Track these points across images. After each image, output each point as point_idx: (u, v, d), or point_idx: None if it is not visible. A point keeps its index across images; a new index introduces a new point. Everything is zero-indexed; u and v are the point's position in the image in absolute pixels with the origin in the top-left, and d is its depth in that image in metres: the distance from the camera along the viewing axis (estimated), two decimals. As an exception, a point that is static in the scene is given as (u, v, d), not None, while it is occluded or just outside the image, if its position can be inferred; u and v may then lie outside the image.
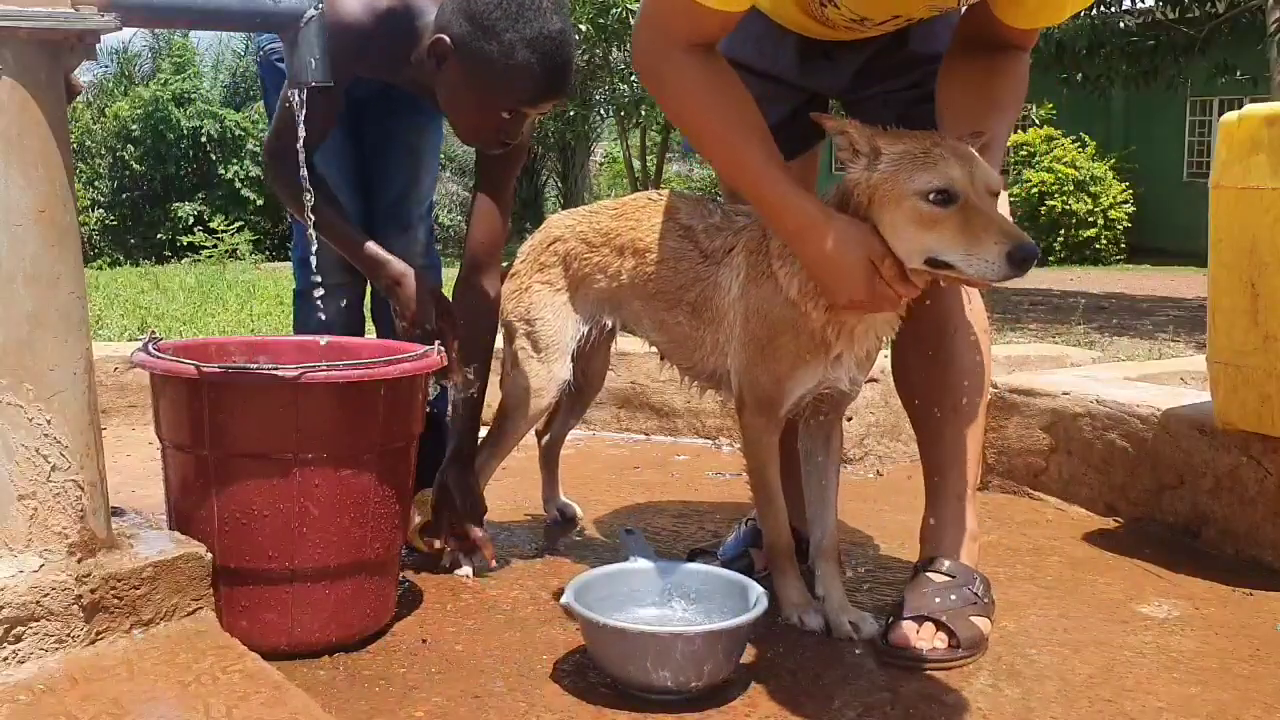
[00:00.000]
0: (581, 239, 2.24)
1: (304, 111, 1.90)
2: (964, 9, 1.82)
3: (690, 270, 2.06)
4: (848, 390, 1.96)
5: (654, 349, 2.27)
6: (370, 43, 2.06)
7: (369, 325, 2.64)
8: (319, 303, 2.13)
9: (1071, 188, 16.15)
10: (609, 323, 2.27)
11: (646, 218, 2.16)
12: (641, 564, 1.97)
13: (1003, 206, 1.77)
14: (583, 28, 13.51)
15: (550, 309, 2.25)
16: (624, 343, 3.42)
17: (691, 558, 2.30)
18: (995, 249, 1.59)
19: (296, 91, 1.86)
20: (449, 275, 2.65)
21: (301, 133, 1.93)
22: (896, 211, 1.69)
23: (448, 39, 2.01)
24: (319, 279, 2.09)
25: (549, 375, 2.25)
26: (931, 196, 1.65)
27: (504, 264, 2.40)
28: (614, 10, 13.18)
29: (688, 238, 2.08)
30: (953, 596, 1.92)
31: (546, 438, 2.65)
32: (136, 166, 19.72)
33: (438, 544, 2.25)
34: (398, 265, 2.17)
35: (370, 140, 2.45)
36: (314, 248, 2.05)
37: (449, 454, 2.27)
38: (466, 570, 2.25)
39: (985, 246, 1.60)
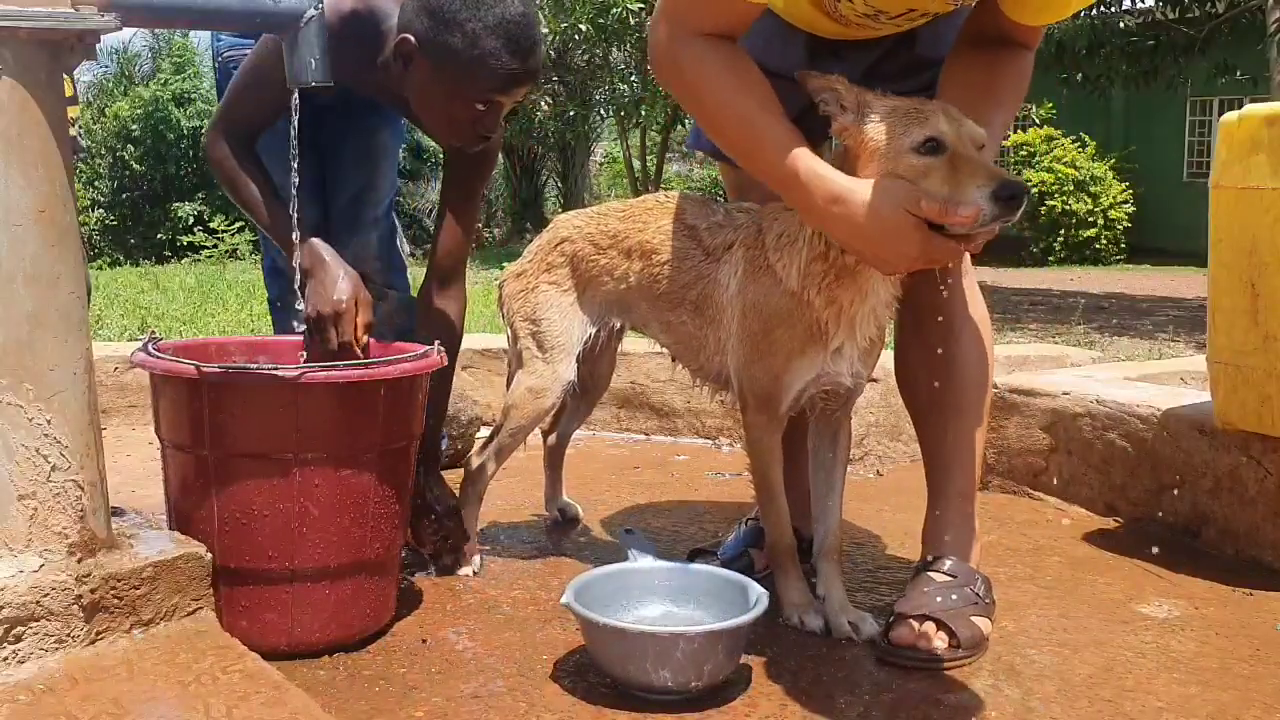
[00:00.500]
0: (589, 240, 2.23)
1: (298, 113, 1.90)
2: (975, 2, 1.82)
3: (693, 269, 2.07)
4: (850, 385, 1.95)
5: (665, 351, 2.27)
6: (337, 46, 2.02)
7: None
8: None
9: (1071, 188, 16.15)
10: (618, 324, 2.27)
11: (654, 219, 2.16)
12: (641, 564, 1.97)
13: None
14: (583, 27, 13.49)
15: (557, 309, 2.25)
16: (624, 343, 3.42)
17: (691, 558, 2.30)
18: (980, 191, 1.60)
19: (294, 91, 1.86)
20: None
21: (295, 132, 1.92)
22: (890, 165, 1.69)
23: (412, 38, 2.00)
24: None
25: (554, 376, 2.25)
26: (921, 148, 1.66)
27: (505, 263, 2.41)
28: (614, 10, 13.15)
29: (691, 237, 2.09)
30: (954, 596, 1.92)
31: (552, 438, 2.65)
32: (136, 166, 19.70)
33: (468, 567, 2.26)
34: (322, 250, 2.10)
35: (325, 143, 2.45)
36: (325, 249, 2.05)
37: (423, 458, 2.25)
38: (466, 570, 2.25)
39: (970, 191, 1.61)
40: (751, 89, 1.77)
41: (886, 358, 2.23)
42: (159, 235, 19.01)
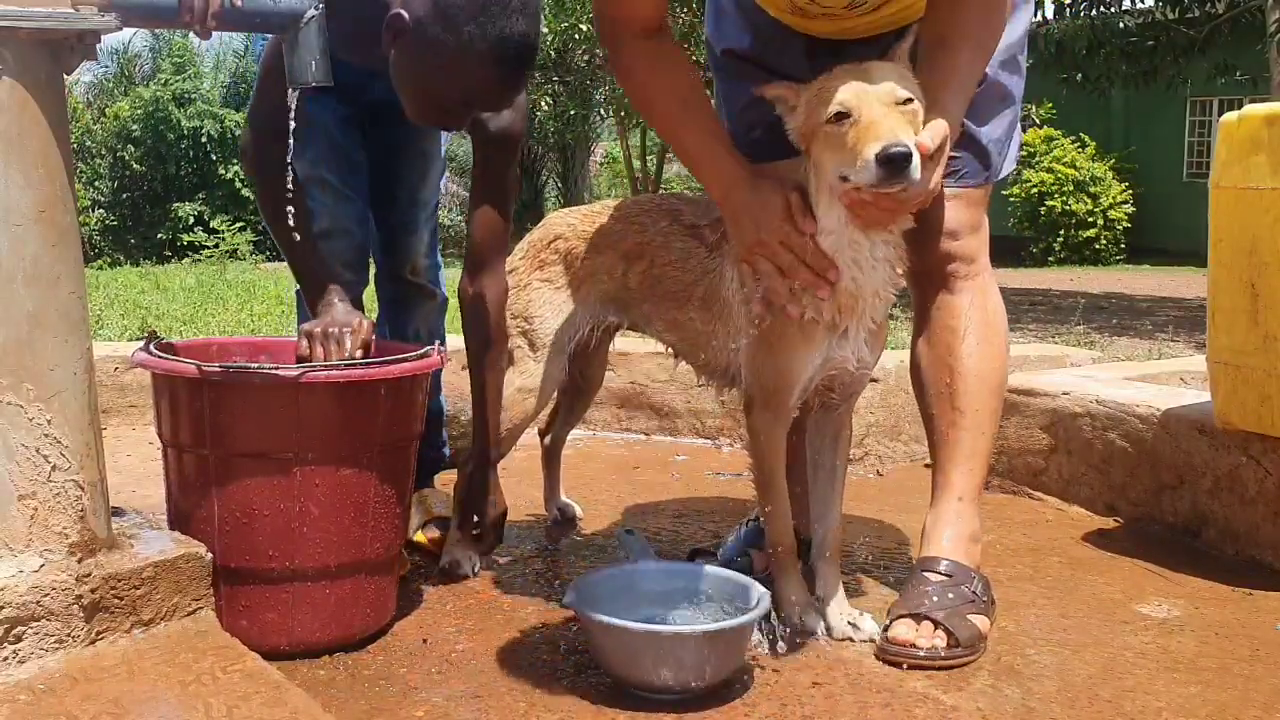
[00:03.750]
0: (584, 239, 2.23)
1: (294, 114, 1.89)
2: None
3: (698, 266, 2.07)
4: (854, 371, 1.94)
5: (666, 349, 2.26)
6: (334, 16, 1.89)
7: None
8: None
9: (1071, 188, 16.14)
10: (614, 321, 2.27)
11: (652, 221, 2.15)
12: (641, 564, 1.97)
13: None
14: (583, 27, 13.49)
15: (549, 307, 2.25)
16: (624, 343, 3.42)
17: (691, 558, 2.30)
18: (868, 152, 1.68)
19: (292, 92, 1.85)
20: (450, 275, 2.65)
21: (292, 137, 1.91)
22: (820, 145, 1.79)
23: (406, 16, 1.89)
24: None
25: (545, 373, 2.25)
26: (832, 120, 1.75)
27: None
28: (614, 10, 13.13)
29: (694, 236, 2.09)
30: (950, 595, 1.92)
31: (548, 438, 2.65)
32: (136, 166, 19.71)
33: (467, 567, 2.25)
34: (339, 306, 2.09)
35: (383, 143, 2.43)
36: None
37: (476, 455, 2.24)
38: (467, 570, 2.25)
39: (861, 154, 1.70)
40: (674, 87, 1.95)
41: (887, 357, 2.23)
42: (159, 235, 19.02)
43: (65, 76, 1.58)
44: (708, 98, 1.98)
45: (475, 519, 2.24)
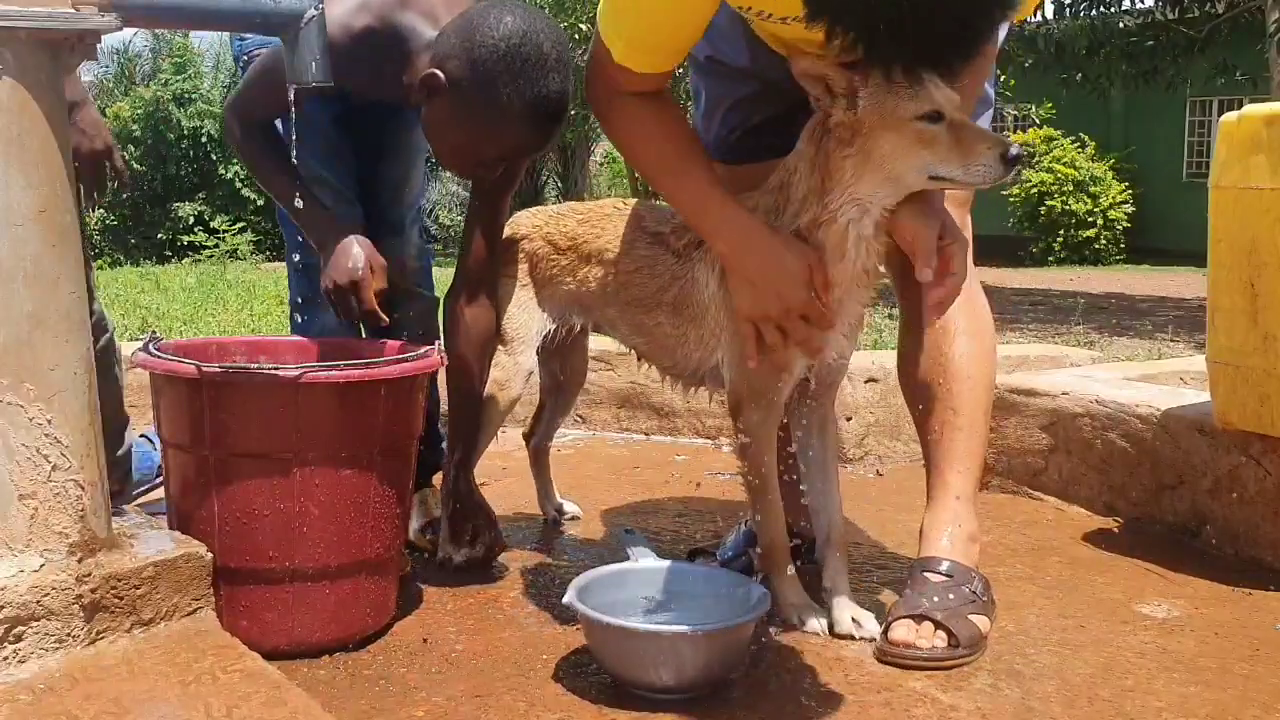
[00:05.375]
0: (547, 240, 2.25)
1: (294, 113, 1.89)
2: None
3: (666, 272, 2.07)
4: (832, 363, 1.95)
5: (630, 351, 2.27)
6: (349, 63, 1.95)
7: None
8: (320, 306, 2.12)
9: (1071, 188, 16.15)
10: (578, 323, 2.30)
11: (613, 226, 2.17)
12: (641, 564, 1.97)
13: None
14: (582, 27, 13.49)
15: (514, 303, 2.27)
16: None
17: (691, 558, 2.30)
18: (990, 154, 1.72)
19: (292, 91, 1.86)
20: (442, 275, 2.65)
21: (292, 134, 1.91)
22: (896, 136, 1.75)
23: (442, 76, 1.94)
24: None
25: (515, 366, 2.27)
26: (925, 118, 1.74)
27: None
28: (614, 10, 13.12)
29: (658, 242, 2.09)
30: (950, 596, 1.92)
31: (535, 440, 2.64)
32: (137, 166, 19.68)
33: (459, 557, 2.26)
34: (336, 224, 2.12)
35: (366, 142, 2.43)
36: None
37: (458, 464, 2.26)
38: (459, 561, 2.25)
39: (979, 154, 1.73)
40: (671, 138, 1.92)
41: (886, 357, 2.23)
42: (159, 235, 19.02)
43: (65, 76, 1.58)
44: (705, 153, 1.95)
45: (470, 528, 2.26)
